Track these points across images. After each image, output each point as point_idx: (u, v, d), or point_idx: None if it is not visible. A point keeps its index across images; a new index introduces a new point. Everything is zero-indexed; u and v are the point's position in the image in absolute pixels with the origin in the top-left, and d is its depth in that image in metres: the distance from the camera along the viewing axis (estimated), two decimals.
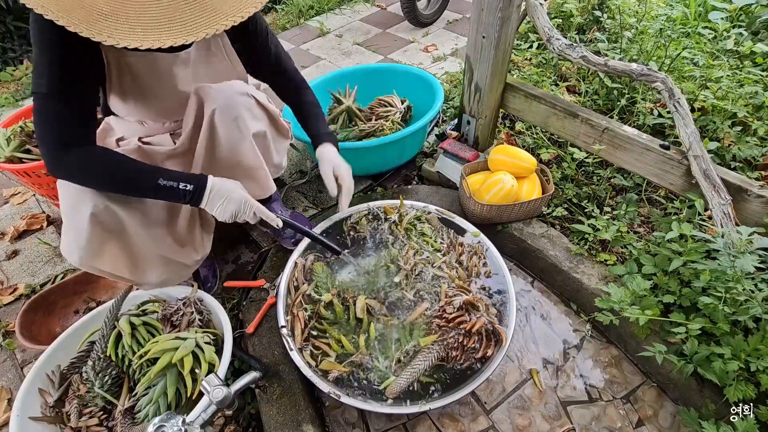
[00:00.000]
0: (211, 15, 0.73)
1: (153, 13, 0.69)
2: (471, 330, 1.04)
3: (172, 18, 0.70)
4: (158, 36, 0.70)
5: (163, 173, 0.95)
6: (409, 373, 1.03)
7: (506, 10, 1.30)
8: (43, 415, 1.06)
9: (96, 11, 0.69)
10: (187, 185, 0.95)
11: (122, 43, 0.69)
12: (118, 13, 0.69)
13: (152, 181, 0.93)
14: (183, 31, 0.71)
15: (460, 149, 1.65)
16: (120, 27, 0.69)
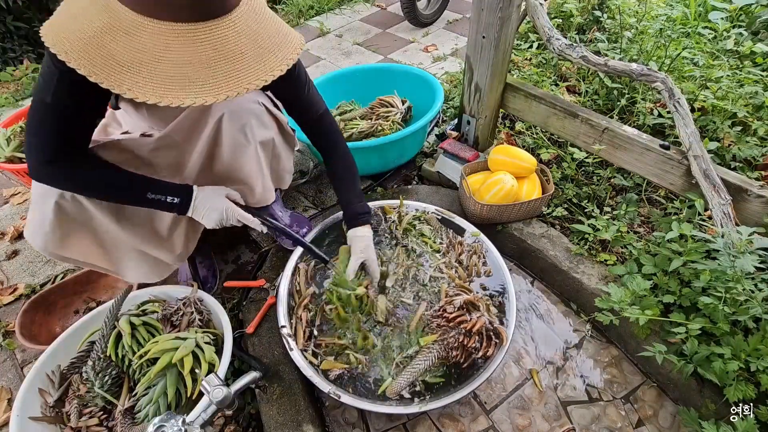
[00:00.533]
0: (234, 79, 0.71)
1: (175, 70, 0.68)
2: (471, 330, 1.04)
3: (195, 79, 0.69)
4: (177, 95, 0.68)
5: (151, 186, 0.98)
6: (410, 373, 1.03)
7: (506, 10, 1.30)
8: (43, 415, 1.06)
9: (119, 63, 0.67)
10: (174, 198, 1.00)
11: (141, 97, 0.68)
12: (141, 67, 0.68)
13: (141, 195, 0.97)
14: (203, 92, 0.69)
15: (460, 149, 1.65)
16: (140, 81, 0.68)
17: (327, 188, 1.77)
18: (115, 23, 0.67)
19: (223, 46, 0.69)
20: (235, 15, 0.70)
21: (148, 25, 0.66)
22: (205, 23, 0.67)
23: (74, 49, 0.67)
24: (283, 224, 1.47)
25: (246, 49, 0.71)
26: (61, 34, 0.68)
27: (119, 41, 0.67)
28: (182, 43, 0.67)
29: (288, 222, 1.50)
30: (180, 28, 0.66)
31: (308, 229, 1.46)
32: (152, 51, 0.67)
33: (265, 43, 0.74)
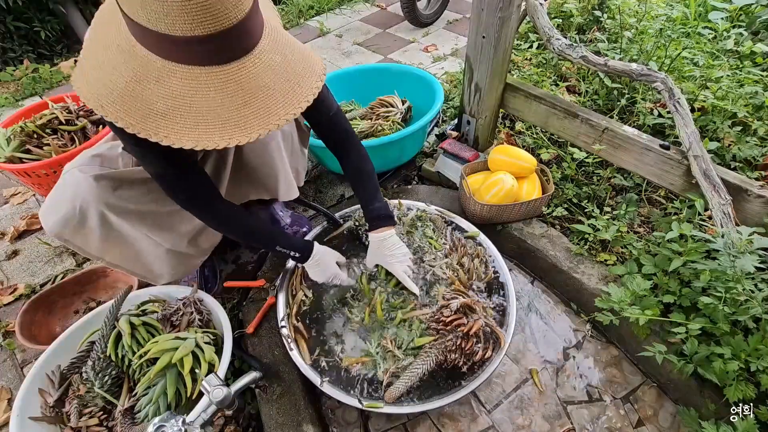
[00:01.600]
0: (264, 116, 0.72)
1: (208, 114, 0.69)
2: (469, 332, 1.04)
3: (227, 120, 0.70)
4: (212, 136, 0.70)
5: (280, 239, 1.12)
6: (408, 377, 1.03)
7: (506, 10, 1.30)
8: (43, 415, 1.06)
9: (153, 110, 0.69)
10: (296, 253, 1.15)
11: (177, 144, 0.70)
12: (174, 113, 0.69)
13: (272, 244, 1.12)
14: (236, 133, 0.71)
15: (460, 149, 1.65)
16: (175, 127, 0.69)
17: (327, 188, 1.77)
18: (145, 71, 0.68)
19: (251, 84, 0.70)
20: (259, 50, 0.71)
21: (177, 71, 0.67)
22: (231, 64, 0.68)
23: (109, 101, 0.69)
24: (284, 224, 1.48)
25: (273, 84, 0.73)
26: (95, 88, 0.70)
27: (151, 89, 0.68)
28: (212, 86, 0.68)
29: (289, 222, 1.50)
30: (208, 71, 0.68)
31: (308, 228, 1.46)
32: (183, 96, 0.68)
33: (290, 75, 0.75)
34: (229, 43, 0.66)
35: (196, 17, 0.61)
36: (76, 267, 1.58)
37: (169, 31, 0.62)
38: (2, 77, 2.80)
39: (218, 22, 0.62)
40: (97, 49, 0.72)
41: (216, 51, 0.66)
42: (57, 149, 1.62)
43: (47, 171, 1.54)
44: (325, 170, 1.84)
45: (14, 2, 2.72)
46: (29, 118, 1.74)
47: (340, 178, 1.81)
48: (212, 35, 0.63)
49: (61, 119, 1.68)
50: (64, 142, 1.66)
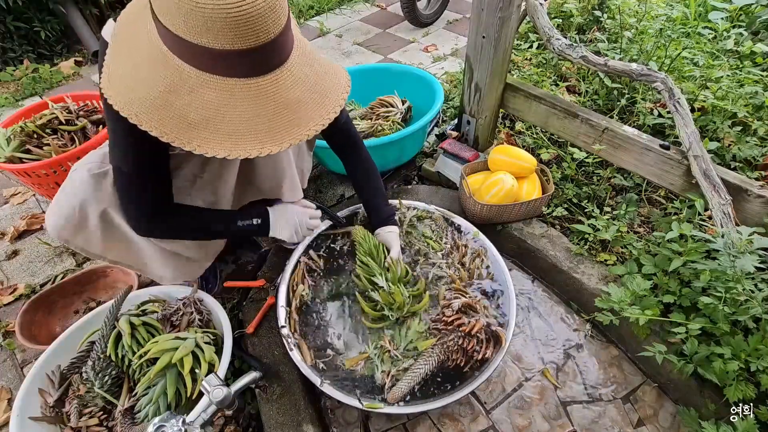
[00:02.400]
0: (294, 127, 0.74)
1: (241, 125, 0.71)
2: (470, 332, 1.04)
3: (259, 130, 0.72)
4: (245, 146, 0.72)
5: (236, 215, 1.08)
6: (410, 377, 1.03)
7: (506, 10, 1.30)
8: (43, 415, 1.06)
9: (186, 121, 0.70)
10: (258, 219, 1.10)
11: (210, 153, 0.71)
12: (208, 123, 0.70)
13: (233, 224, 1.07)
14: (268, 142, 0.73)
15: (460, 149, 1.65)
16: (209, 137, 0.71)
17: (327, 188, 1.77)
18: (179, 81, 0.69)
19: (283, 96, 0.72)
20: (291, 63, 0.73)
21: (211, 82, 0.68)
22: (265, 76, 0.70)
23: (143, 110, 0.70)
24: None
25: (303, 96, 0.75)
26: (128, 97, 0.71)
27: (184, 99, 0.69)
28: (246, 97, 0.70)
29: None
30: (242, 83, 0.69)
31: None
32: (217, 107, 0.70)
33: (319, 87, 0.78)
34: (265, 57, 0.68)
35: (239, 32, 0.62)
36: (76, 267, 1.58)
37: (210, 44, 0.63)
38: (2, 77, 2.80)
39: (259, 37, 0.64)
40: (125, 55, 0.73)
41: (253, 64, 0.68)
42: (57, 149, 1.62)
43: (47, 171, 1.54)
44: (325, 170, 1.84)
45: (14, 2, 2.71)
46: (29, 118, 1.74)
47: (340, 178, 1.81)
48: (251, 49, 0.65)
49: (61, 119, 1.68)
50: (64, 142, 1.66)
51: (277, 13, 0.65)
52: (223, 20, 0.60)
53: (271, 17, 0.64)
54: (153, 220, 0.97)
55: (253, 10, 0.61)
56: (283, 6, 0.67)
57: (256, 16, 0.62)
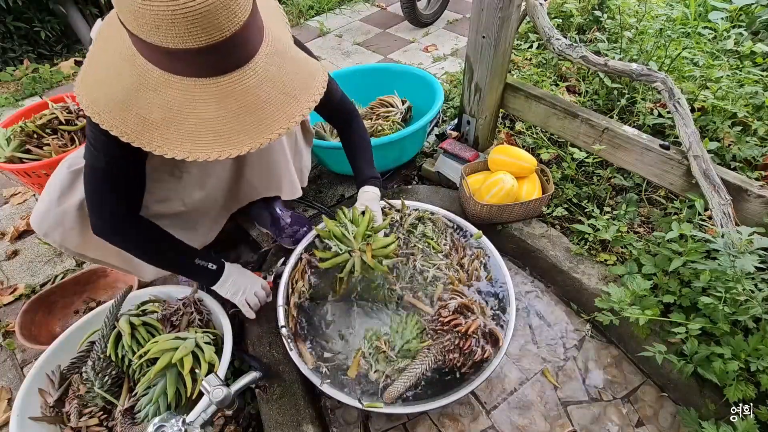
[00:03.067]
0: (257, 130, 0.72)
1: (202, 126, 0.70)
2: (467, 332, 1.04)
3: (221, 133, 0.70)
4: (204, 148, 0.70)
5: (198, 252, 1.07)
6: (407, 377, 1.03)
7: (506, 10, 1.30)
8: (43, 415, 1.06)
9: (148, 121, 0.69)
10: (214, 265, 1.09)
11: (170, 154, 0.70)
12: (169, 123, 0.69)
13: (190, 259, 1.05)
14: (229, 145, 0.71)
15: (460, 149, 1.65)
16: (170, 137, 0.70)
17: (327, 188, 1.77)
18: (143, 81, 0.68)
19: (247, 97, 0.70)
20: (256, 62, 0.70)
21: (173, 82, 0.67)
22: (225, 76, 0.68)
23: (106, 110, 0.70)
24: (284, 223, 1.48)
25: (269, 97, 0.72)
26: (94, 96, 0.70)
27: (148, 98, 0.68)
28: (206, 98, 0.68)
29: (289, 221, 1.50)
30: (201, 82, 0.67)
31: (308, 228, 1.46)
32: (180, 107, 0.68)
33: (288, 88, 0.74)
34: (223, 56, 0.65)
35: (188, 30, 0.60)
36: (76, 267, 1.58)
37: (161, 42, 0.61)
38: (2, 77, 2.80)
39: (211, 35, 0.61)
40: (100, 55, 0.72)
41: (211, 63, 0.66)
42: (57, 149, 1.62)
43: (47, 171, 1.54)
44: (325, 170, 1.84)
45: (14, 2, 2.71)
46: (29, 118, 1.74)
47: (340, 178, 1.80)
48: (205, 48, 0.62)
49: (61, 119, 1.68)
50: (64, 142, 1.66)
51: (232, 10, 0.62)
52: (171, 18, 0.58)
53: (223, 14, 0.61)
54: (118, 226, 0.95)
55: (201, 7, 0.59)
56: (243, 2, 0.64)
57: (205, 13, 0.59)
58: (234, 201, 1.31)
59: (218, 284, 1.11)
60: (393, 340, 1.10)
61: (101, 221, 0.94)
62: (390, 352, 1.08)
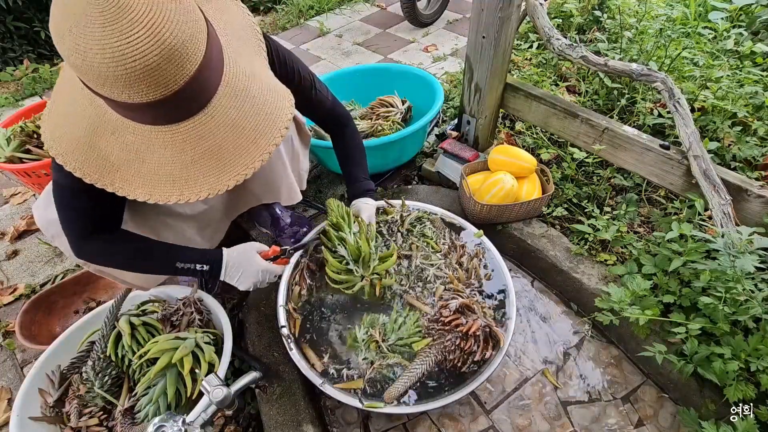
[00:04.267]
0: (215, 175, 0.71)
1: (160, 169, 0.69)
2: (467, 332, 1.04)
3: (178, 177, 0.70)
4: (163, 191, 0.70)
5: (179, 255, 0.97)
6: (407, 377, 1.03)
7: (506, 10, 1.30)
8: (43, 415, 1.06)
9: (109, 162, 0.69)
10: (204, 266, 0.98)
11: (131, 195, 0.70)
12: (130, 165, 0.69)
13: (170, 265, 0.97)
14: (186, 190, 0.70)
15: (460, 149, 1.65)
16: (130, 179, 0.70)
17: (327, 188, 1.77)
18: (102, 122, 0.68)
19: (202, 144, 0.68)
20: (213, 106, 0.68)
21: (130, 126, 0.67)
22: (181, 123, 0.67)
23: (69, 150, 0.70)
24: (285, 223, 1.48)
25: (225, 142, 0.70)
26: (56, 134, 0.70)
27: (107, 140, 0.68)
28: (162, 144, 0.68)
29: (289, 222, 1.50)
30: (157, 130, 0.67)
31: (308, 228, 1.46)
32: (137, 150, 0.68)
33: (246, 131, 0.72)
34: (174, 107, 0.64)
35: (133, 87, 0.58)
36: (76, 267, 1.58)
37: (111, 96, 0.60)
38: (2, 77, 2.80)
39: (157, 90, 0.60)
40: (65, 89, 0.72)
41: (162, 114, 0.65)
42: None
43: (47, 171, 1.54)
44: (325, 170, 1.84)
45: (14, 2, 2.71)
46: (29, 118, 1.74)
47: (340, 178, 1.80)
48: (154, 102, 0.61)
49: None
50: None
51: (177, 64, 0.58)
52: (114, 77, 0.56)
53: (168, 69, 0.58)
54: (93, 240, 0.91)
55: (142, 66, 0.56)
56: (189, 52, 0.59)
57: (148, 71, 0.56)
58: (234, 209, 1.32)
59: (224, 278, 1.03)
60: (388, 333, 1.10)
61: (71, 239, 0.91)
62: (382, 343, 1.08)
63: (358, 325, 1.13)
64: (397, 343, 1.08)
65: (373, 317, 1.13)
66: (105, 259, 0.96)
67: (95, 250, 0.93)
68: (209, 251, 1.02)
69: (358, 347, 1.09)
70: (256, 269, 1.03)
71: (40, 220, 1.00)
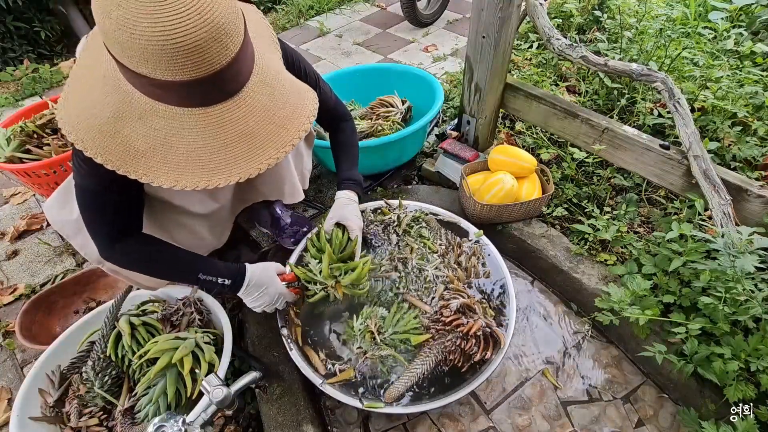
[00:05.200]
0: (245, 160, 0.71)
1: (189, 155, 0.69)
2: (468, 333, 1.04)
3: (207, 162, 0.69)
4: (191, 177, 0.70)
5: (202, 266, 0.98)
6: (407, 377, 1.03)
7: (506, 10, 1.30)
8: (43, 415, 1.06)
9: (133, 149, 0.68)
10: (225, 280, 0.99)
11: (156, 182, 0.69)
12: (155, 151, 0.68)
13: (193, 275, 0.97)
14: (216, 175, 0.70)
15: (460, 149, 1.65)
16: (155, 166, 0.69)
17: (327, 188, 1.77)
18: (128, 108, 0.67)
19: (234, 127, 0.69)
20: (246, 92, 0.69)
21: (160, 110, 0.66)
22: (214, 106, 0.67)
23: (89, 137, 0.68)
24: (285, 223, 1.48)
25: (257, 128, 0.71)
26: (76, 120, 0.69)
27: (132, 126, 0.67)
28: (193, 127, 0.67)
29: (289, 222, 1.50)
30: (190, 112, 0.66)
31: (308, 228, 1.46)
32: (165, 136, 0.67)
33: (276, 118, 0.73)
34: (213, 88, 0.65)
35: (178, 63, 0.59)
36: (76, 267, 1.58)
37: (150, 74, 0.60)
38: (2, 77, 2.80)
39: (200, 69, 0.60)
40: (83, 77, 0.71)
41: (199, 95, 0.65)
42: (57, 149, 1.62)
43: (47, 171, 1.54)
44: (325, 170, 1.84)
45: (14, 2, 2.72)
46: (29, 118, 1.74)
47: None
48: (194, 80, 0.61)
49: None
50: (64, 142, 1.66)
51: (223, 43, 0.60)
52: (160, 52, 0.57)
53: (214, 48, 0.59)
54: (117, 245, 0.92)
55: (191, 42, 0.57)
56: (233, 33, 0.62)
57: (195, 48, 0.58)
58: (239, 205, 1.32)
59: (242, 294, 1.05)
60: (386, 326, 1.10)
61: (98, 241, 0.92)
62: (377, 334, 1.08)
63: (356, 315, 1.13)
64: (392, 336, 1.09)
65: (374, 310, 1.14)
66: (130, 264, 0.98)
67: (121, 255, 0.94)
68: (231, 265, 1.03)
69: (354, 337, 1.10)
70: (275, 290, 1.06)
71: (55, 221, 1.01)
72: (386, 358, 1.07)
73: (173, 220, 1.12)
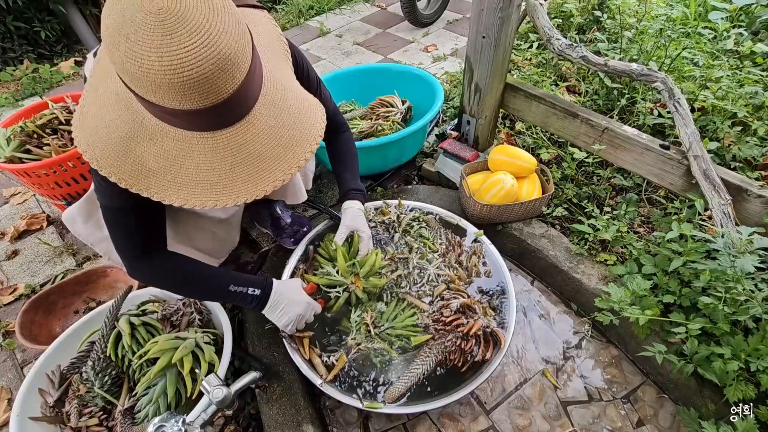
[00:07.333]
0: (253, 181, 0.72)
1: (198, 176, 0.70)
2: (468, 333, 1.04)
3: (216, 183, 0.71)
4: (200, 197, 0.71)
5: (232, 279, 0.98)
6: (408, 377, 1.03)
7: (506, 10, 1.30)
8: (43, 415, 1.06)
9: (145, 168, 0.70)
10: (256, 290, 0.99)
11: (167, 200, 0.71)
12: (166, 171, 0.70)
13: (224, 289, 0.97)
14: (223, 196, 0.72)
15: (460, 149, 1.65)
16: (167, 185, 0.71)
17: (327, 188, 1.77)
18: (139, 127, 0.68)
19: (242, 150, 0.70)
20: (254, 114, 0.70)
21: (170, 132, 0.68)
22: (222, 131, 0.68)
23: (104, 155, 0.70)
24: (285, 223, 1.48)
25: (264, 150, 0.72)
26: (91, 140, 0.71)
27: (144, 146, 0.69)
28: (203, 150, 0.69)
29: (289, 222, 1.50)
30: (199, 136, 0.68)
31: (308, 228, 1.46)
32: (176, 157, 0.69)
33: (284, 139, 0.74)
34: (220, 114, 0.66)
35: (185, 95, 0.60)
36: (76, 267, 1.58)
37: (159, 102, 0.61)
38: (2, 77, 2.80)
39: (208, 98, 0.61)
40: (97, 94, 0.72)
41: (206, 121, 0.66)
42: (57, 149, 1.62)
43: (47, 171, 1.53)
44: (325, 170, 1.84)
45: (14, 2, 2.72)
46: (29, 118, 1.74)
47: None
48: (201, 110, 0.63)
49: (61, 119, 1.68)
50: (64, 142, 1.66)
51: (230, 73, 0.61)
52: (168, 85, 0.58)
53: (221, 78, 0.60)
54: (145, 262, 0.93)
55: (198, 75, 0.58)
56: (240, 61, 0.62)
57: (203, 80, 0.58)
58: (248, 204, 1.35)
59: (267, 310, 1.03)
60: (381, 320, 1.11)
61: (124, 259, 0.93)
62: (372, 327, 1.08)
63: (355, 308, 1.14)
64: (387, 331, 1.09)
65: (371, 304, 1.14)
66: (157, 281, 0.98)
67: (148, 273, 0.94)
68: (257, 278, 1.02)
69: (350, 328, 1.11)
70: (302, 300, 1.05)
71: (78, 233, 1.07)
72: (378, 351, 1.08)
73: (197, 227, 1.15)
